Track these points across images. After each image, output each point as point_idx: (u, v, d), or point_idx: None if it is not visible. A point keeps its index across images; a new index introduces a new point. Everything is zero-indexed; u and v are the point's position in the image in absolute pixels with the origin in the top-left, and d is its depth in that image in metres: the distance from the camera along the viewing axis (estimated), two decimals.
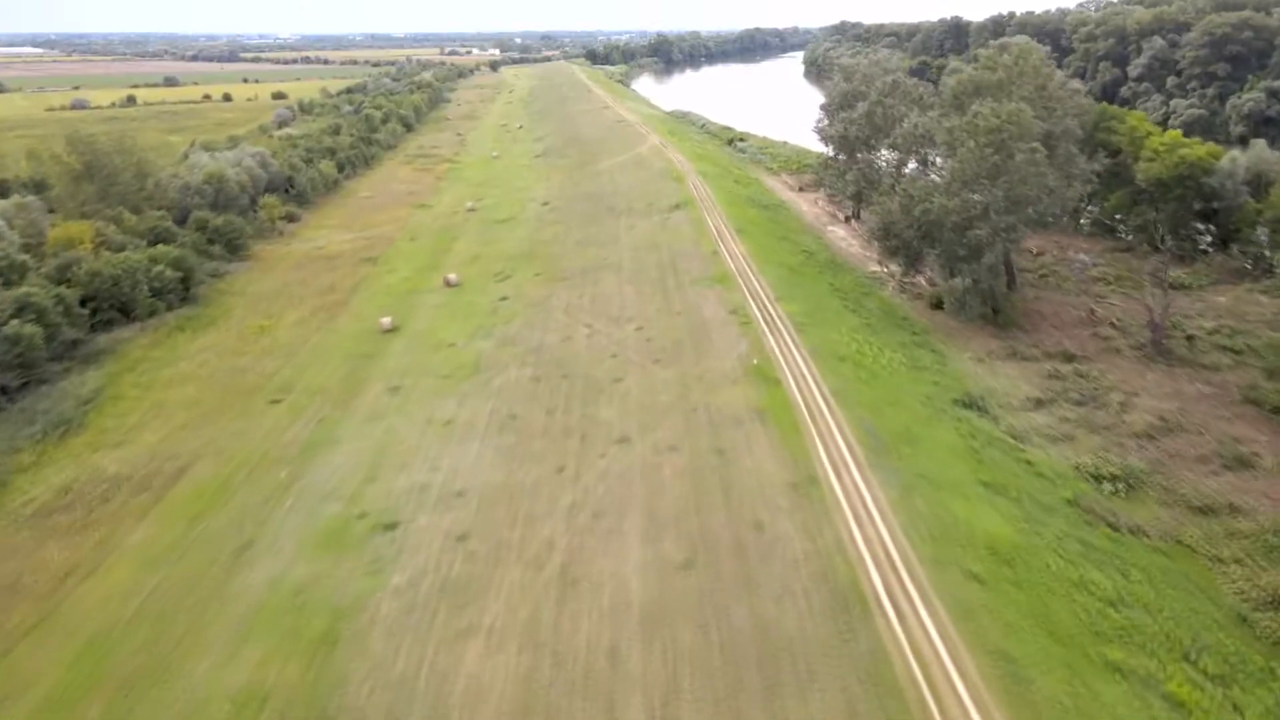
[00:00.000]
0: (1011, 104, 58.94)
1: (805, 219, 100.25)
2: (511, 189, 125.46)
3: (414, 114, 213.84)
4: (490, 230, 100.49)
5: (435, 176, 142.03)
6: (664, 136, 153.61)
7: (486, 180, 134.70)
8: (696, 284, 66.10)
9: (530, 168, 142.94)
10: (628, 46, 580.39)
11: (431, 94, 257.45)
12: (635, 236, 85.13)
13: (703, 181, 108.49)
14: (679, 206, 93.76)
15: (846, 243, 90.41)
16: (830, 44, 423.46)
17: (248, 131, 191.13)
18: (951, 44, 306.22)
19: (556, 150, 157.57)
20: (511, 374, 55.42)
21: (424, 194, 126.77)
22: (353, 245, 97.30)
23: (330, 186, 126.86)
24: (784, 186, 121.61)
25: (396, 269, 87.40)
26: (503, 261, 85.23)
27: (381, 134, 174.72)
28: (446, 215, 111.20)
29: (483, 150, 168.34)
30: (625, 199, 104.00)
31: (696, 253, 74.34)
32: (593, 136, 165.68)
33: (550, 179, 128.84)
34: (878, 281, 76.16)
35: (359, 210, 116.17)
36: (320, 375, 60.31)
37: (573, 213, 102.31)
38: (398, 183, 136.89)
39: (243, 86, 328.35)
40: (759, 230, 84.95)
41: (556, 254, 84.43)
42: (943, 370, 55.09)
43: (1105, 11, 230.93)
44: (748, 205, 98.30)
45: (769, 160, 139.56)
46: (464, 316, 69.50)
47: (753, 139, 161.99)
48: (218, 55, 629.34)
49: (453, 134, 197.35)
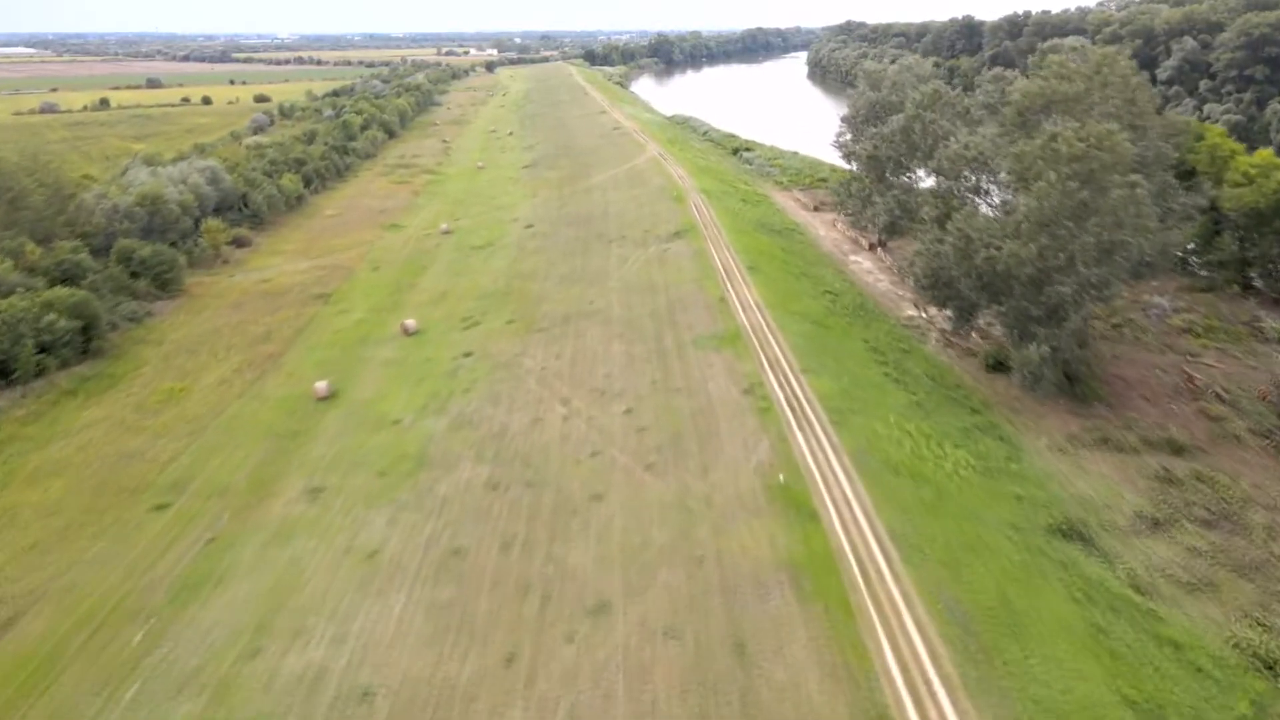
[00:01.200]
0: (1100, 124, 46.35)
1: (823, 246, 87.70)
2: (493, 207, 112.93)
3: (398, 119, 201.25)
4: (464, 259, 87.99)
5: (413, 190, 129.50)
6: (663, 146, 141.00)
7: (467, 196, 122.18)
8: (701, 344, 53.54)
9: (516, 181, 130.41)
10: (627, 47, 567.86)
11: (419, 97, 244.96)
12: (628, 273, 72.55)
13: (706, 201, 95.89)
14: (679, 234, 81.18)
15: (873, 277, 77.89)
16: (835, 44, 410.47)
17: (218, 138, 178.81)
18: (964, 44, 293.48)
19: (546, 161, 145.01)
20: (463, 474, 42.92)
21: (397, 212, 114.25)
22: (306, 277, 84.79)
23: (293, 204, 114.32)
24: (796, 205, 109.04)
25: (350, 308, 74.93)
26: (473, 301, 72.75)
27: (359, 142, 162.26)
28: (418, 239, 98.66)
29: (468, 160, 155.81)
30: (618, 223, 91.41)
31: (700, 299, 61.76)
32: (586, 146, 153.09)
33: (537, 195, 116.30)
34: (916, 330, 63.67)
35: (321, 232, 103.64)
36: (227, 465, 47.90)
37: (558, 239, 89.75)
38: (370, 198, 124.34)
39: (227, 89, 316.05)
40: (773, 265, 72.40)
41: (535, 293, 71.89)
42: (1022, 472, 42.53)
43: (1130, 10, 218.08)
44: (758, 231, 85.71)
45: (778, 173, 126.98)
46: (416, 380, 57.00)
47: (759, 148, 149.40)
48: (210, 56, 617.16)
49: (438, 141, 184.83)
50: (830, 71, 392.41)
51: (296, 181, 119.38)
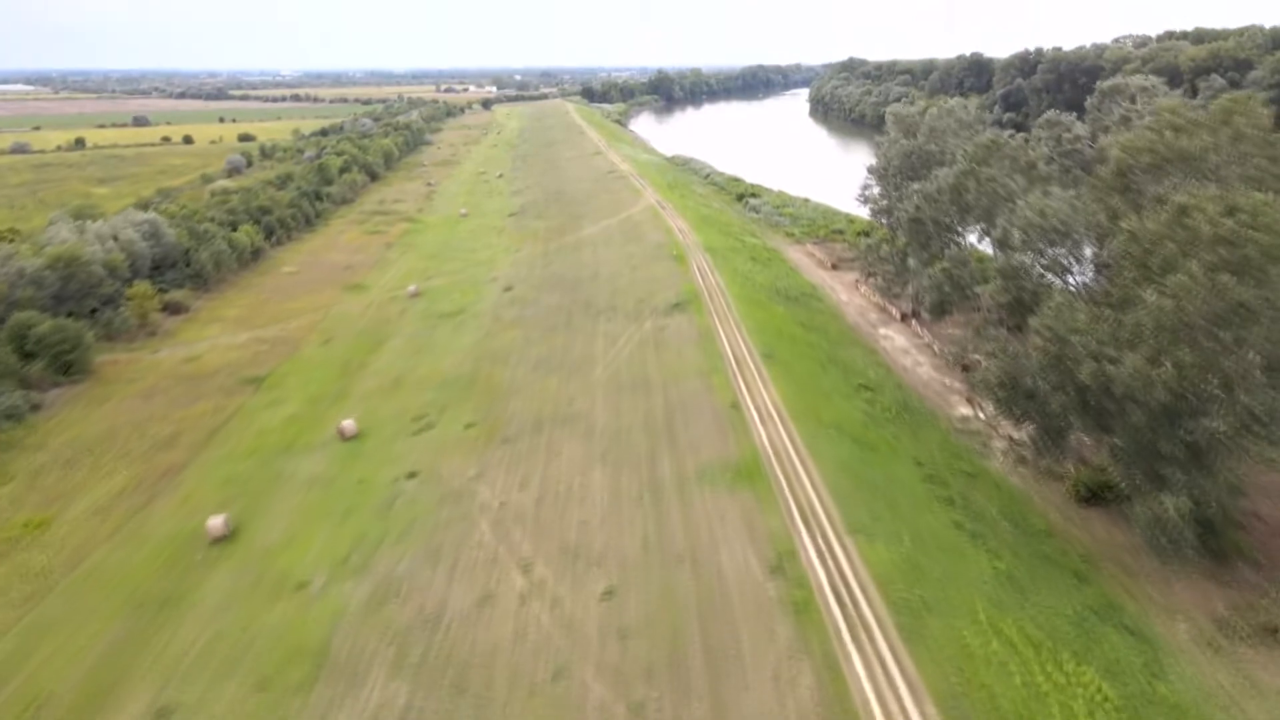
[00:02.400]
0: (1251, 193, 34.00)
1: (847, 316, 75.20)
2: (472, 263, 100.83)
3: (383, 160, 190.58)
4: (430, 331, 75.51)
5: (386, 242, 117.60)
6: (662, 192, 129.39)
7: (445, 249, 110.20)
8: (709, 478, 40.64)
9: (500, 231, 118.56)
10: (627, 84, 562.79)
11: (408, 137, 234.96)
12: (617, 359, 59.88)
13: (711, 261, 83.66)
14: (680, 306, 68.69)
15: (910, 358, 65.25)
16: (838, 82, 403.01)
17: (186, 181, 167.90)
18: (972, 82, 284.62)
19: (535, 208, 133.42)
20: (371, 696, 29.90)
21: (364, 268, 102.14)
22: (241, 353, 72.25)
23: (247, 260, 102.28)
24: (811, 262, 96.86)
25: (284, 398, 62.27)
26: (431, 391, 60.04)
27: (336, 186, 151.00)
28: (381, 304, 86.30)
29: (451, 206, 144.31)
30: (609, 289, 79.04)
31: (707, 403, 48.97)
32: (579, 191, 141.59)
33: (520, 250, 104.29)
34: (976, 439, 50.87)
35: (274, 294, 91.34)
36: (60, 657, 35.00)
37: (539, 307, 77.30)
38: (338, 251, 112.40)
39: (213, 127, 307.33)
40: (793, 350, 59.77)
41: (505, 383, 59.19)
42: (1175, 700, 29.40)
43: (1152, 48, 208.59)
44: (772, 299, 73.29)
45: (789, 224, 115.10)
46: (341, 514, 44.08)
47: (766, 194, 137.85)
48: (206, 93, 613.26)
49: (423, 184, 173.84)
50: (833, 109, 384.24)
51: (255, 233, 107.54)
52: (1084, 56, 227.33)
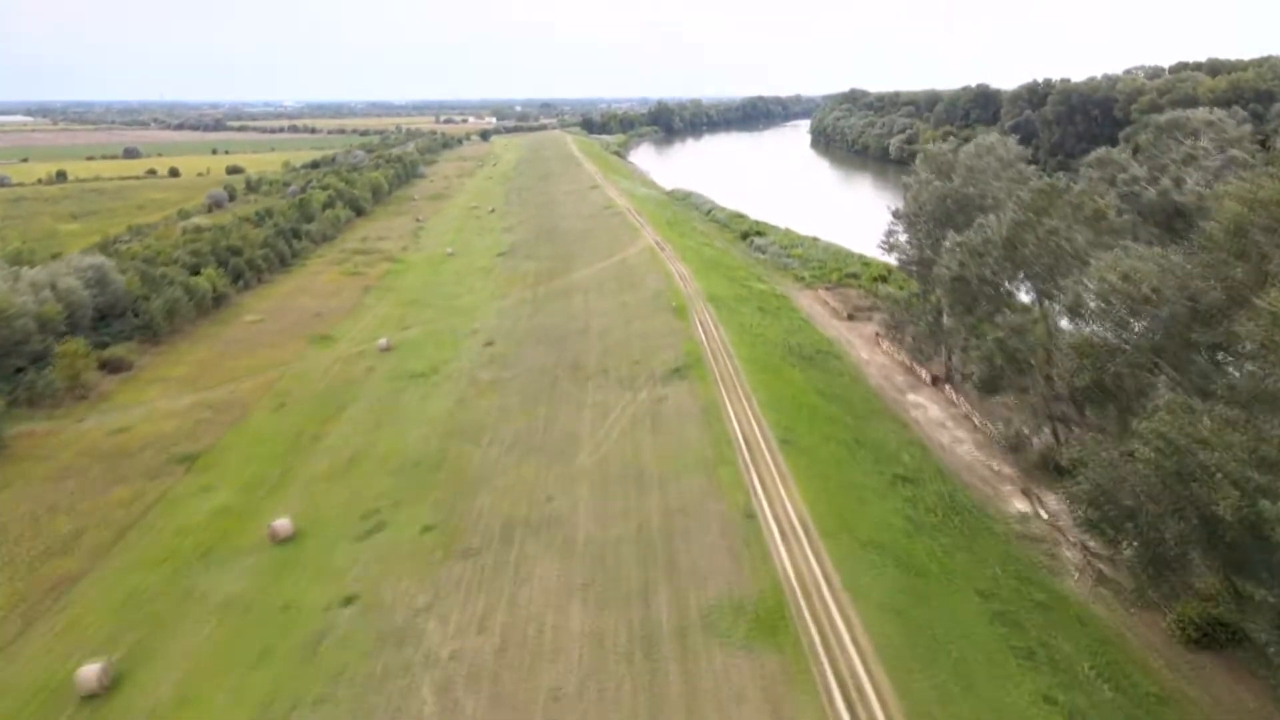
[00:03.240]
0: None
1: (870, 378, 66.31)
2: (452, 310, 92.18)
3: (370, 195, 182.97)
4: (396, 395, 66.56)
5: (364, 285, 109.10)
6: (661, 231, 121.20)
7: (426, 293, 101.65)
8: (719, 630, 31.42)
9: (487, 273, 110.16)
10: (626, 115, 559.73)
11: (400, 169, 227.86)
12: (608, 440, 50.86)
13: (715, 314, 75.01)
14: (680, 371, 59.80)
15: (948, 433, 56.23)
16: (840, 113, 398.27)
17: (163, 217, 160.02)
18: (979, 114, 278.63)
19: (526, 246, 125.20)
20: None
21: (335, 316, 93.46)
22: (180, 422, 63.24)
23: (208, 307, 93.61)
24: (824, 311, 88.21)
25: (216, 485, 53.15)
26: (387, 478, 50.96)
27: (317, 223, 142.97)
28: (347, 360, 77.46)
29: (438, 244, 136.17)
30: (600, 346, 70.24)
31: (714, 512, 39.85)
32: (573, 229, 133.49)
33: (507, 296, 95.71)
34: (1040, 547, 41.74)
35: (232, 347, 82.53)
36: None
37: (521, 367, 68.45)
38: (310, 295, 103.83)
39: (204, 159, 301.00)
40: (814, 429, 50.76)
41: (475, 470, 50.13)
42: None
43: (1168, 79, 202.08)
44: (785, 360, 64.43)
45: (798, 266, 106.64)
46: (253, 659, 34.81)
47: (772, 232, 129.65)
48: (205, 124, 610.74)
49: (411, 219, 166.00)
50: (835, 141, 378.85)
51: (219, 277, 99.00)
52: (1096, 88, 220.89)
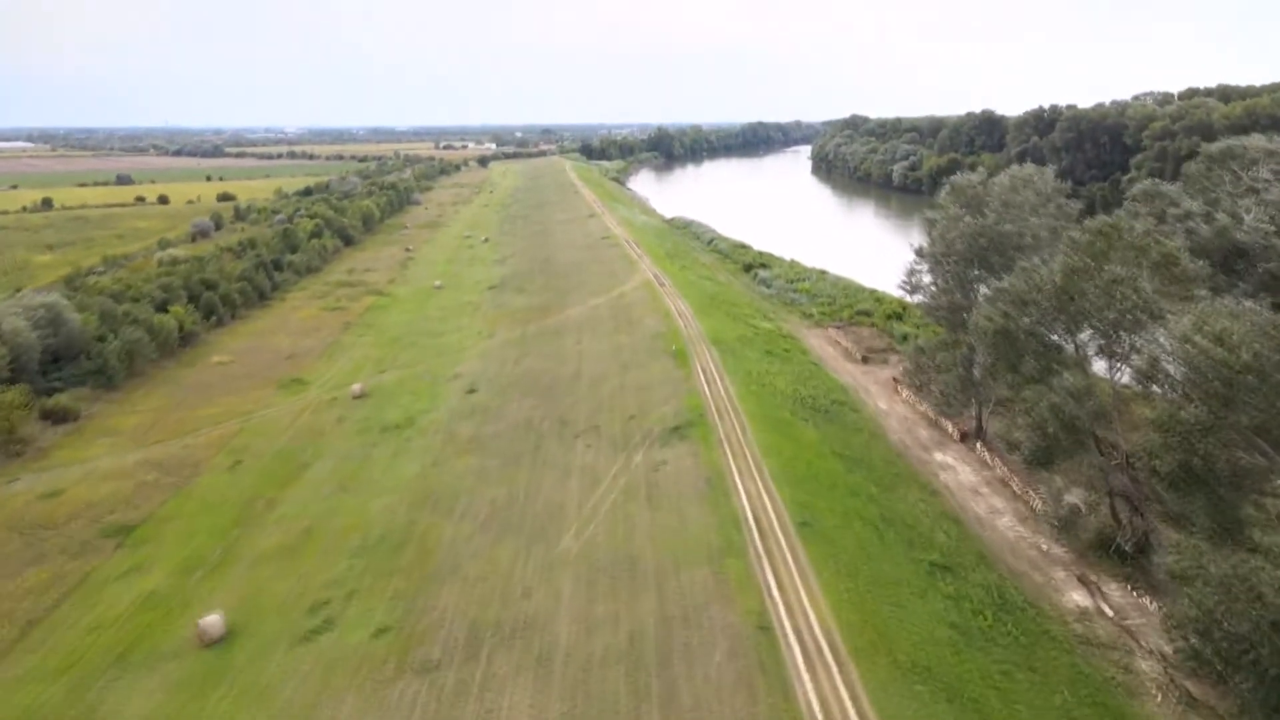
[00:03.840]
0: None
1: (891, 433, 59.61)
2: (435, 351, 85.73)
3: (361, 223, 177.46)
4: (365, 453, 59.85)
5: (345, 321, 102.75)
6: (660, 263, 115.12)
7: (408, 332, 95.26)
8: None
9: (476, 309, 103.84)
10: (626, 141, 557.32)
11: (393, 197, 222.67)
12: (597, 517, 44.11)
13: (718, 358, 68.55)
14: (680, 430, 53.18)
15: (984, 502, 49.52)
16: (841, 139, 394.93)
17: (143, 247, 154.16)
18: (984, 140, 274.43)
19: (518, 280, 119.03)
20: None
21: (310, 357, 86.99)
22: (120, 486, 56.53)
23: (174, 347, 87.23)
24: (836, 352, 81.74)
25: (149, 565, 46.37)
26: (343, 561, 44.17)
27: (301, 254, 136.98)
28: (317, 408, 70.88)
29: (427, 276, 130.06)
30: (592, 398, 63.65)
31: (721, 623, 33.01)
32: (568, 260, 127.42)
33: (494, 335, 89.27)
34: (1107, 654, 34.86)
35: (192, 393, 75.98)
36: None
37: (505, 422, 61.80)
38: (285, 333, 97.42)
39: (197, 185, 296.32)
40: (835, 506, 44.04)
41: (442, 554, 43.33)
42: None
43: (1182, 105, 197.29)
44: (797, 415, 57.83)
45: (805, 301, 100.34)
46: None
47: (777, 264, 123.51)
48: (204, 150, 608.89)
49: (402, 249, 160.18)
50: (837, 167, 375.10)
51: (187, 314, 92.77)
52: (1105, 115, 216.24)
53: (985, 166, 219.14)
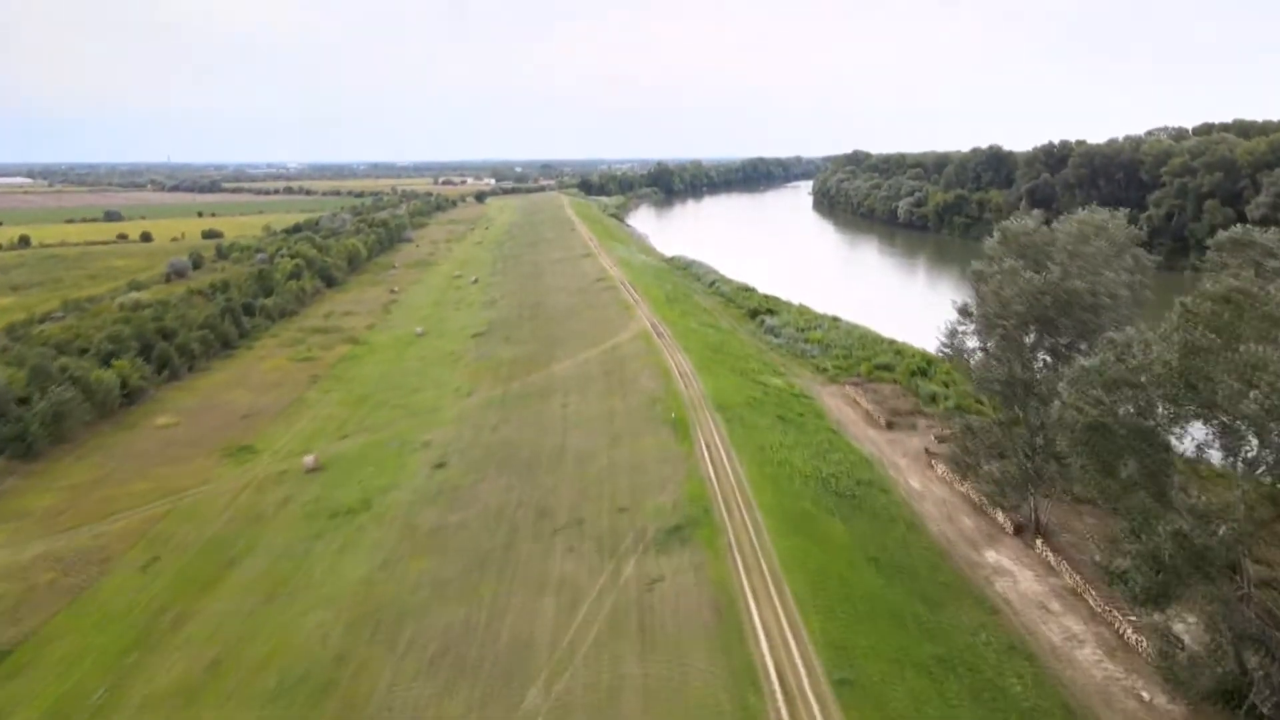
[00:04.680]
0: None
1: (930, 524, 50.18)
2: (406, 413, 76.53)
3: (346, 263, 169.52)
4: (306, 548, 50.38)
5: (313, 374, 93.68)
6: (658, 309, 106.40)
7: (379, 388, 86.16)
8: None
9: (457, 361, 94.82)
10: (625, 176, 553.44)
11: (384, 234, 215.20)
12: (574, 658, 34.55)
13: (725, 430, 59.33)
14: (680, 530, 43.81)
15: (1055, 622, 39.98)
16: (843, 175, 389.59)
17: (111, 289, 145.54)
18: (991, 176, 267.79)
19: (505, 327, 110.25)
20: None
21: (265, 419, 77.81)
22: (6, 590, 47.08)
23: (114, 406, 78.13)
24: (854, 413, 72.60)
25: (9, 711, 36.72)
26: (248, 715, 34.52)
27: (276, 297, 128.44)
28: (261, 486, 61.52)
29: (409, 321, 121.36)
30: (577, 481, 54.26)
31: None
32: (559, 305, 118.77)
33: (473, 394, 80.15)
34: None
35: (123, 465, 66.64)
36: None
37: (473, 507, 52.41)
38: (245, 388, 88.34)
39: (184, 222, 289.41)
40: (879, 641, 34.58)
41: (376, 704, 33.72)
42: None
43: (1202, 141, 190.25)
44: (820, 504, 48.48)
45: (818, 353, 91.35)
46: None
47: (784, 310, 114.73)
48: (200, 185, 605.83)
49: (387, 290, 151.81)
50: (839, 203, 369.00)
51: (136, 368, 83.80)
52: (1119, 150, 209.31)
53: (994, 203, 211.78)
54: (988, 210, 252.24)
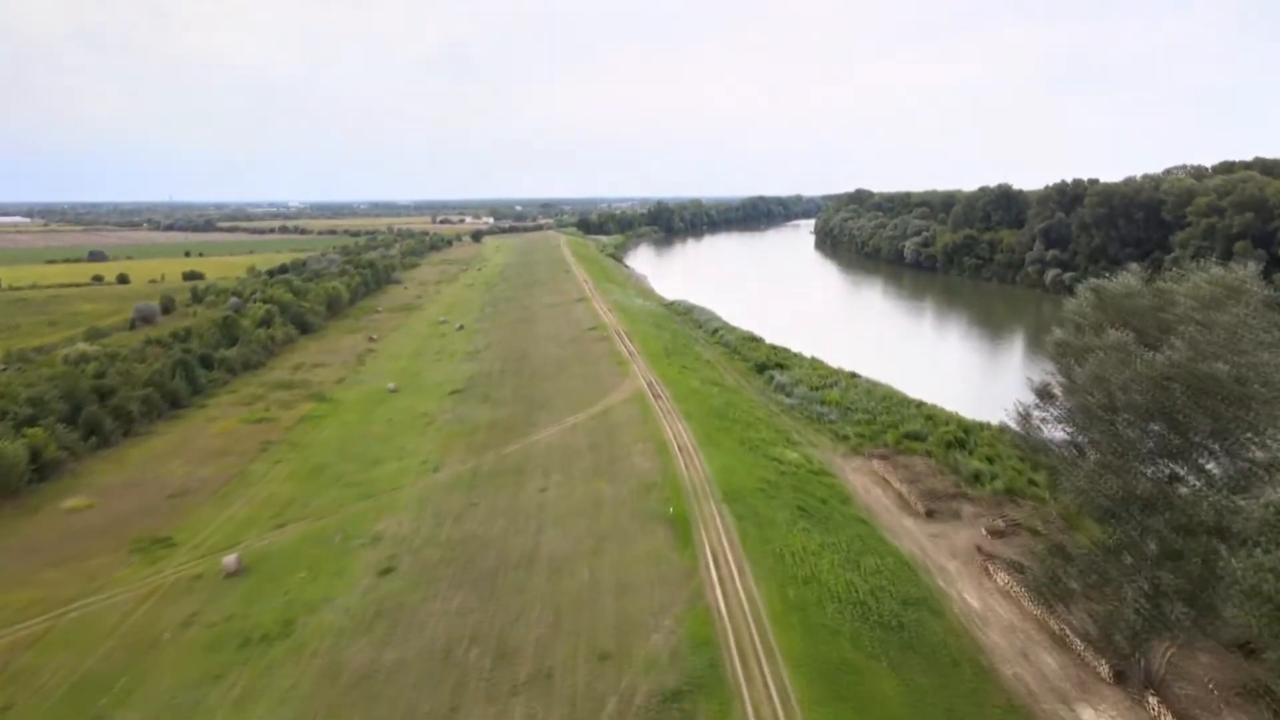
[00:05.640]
0: None
1: (1001, 660, 38.88)
2: (359, 492, 65.40)
3: (325, 307, 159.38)
4: (196, 695, 39.05)
5: (264, 440, 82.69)
6: (656, 365, 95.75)
7: (337, 458, 75.15)
8: None
9: (427, 426, 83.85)
10: (625, 214, 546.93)
11: (371, 275, 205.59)
12: None
13: (734, 527, 48.25)
14: (680, 699, 32.47)
15: None
16: (846, 214, 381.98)
17: (65, 337, 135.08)
18: (1001, 215, 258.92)
19: (486, 383, 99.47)
20: None
21: (197, 498, 66.71)
22: None
23: (17, 483, 67.05)
24: (884, 493, 61.54)
25: None
26: None
27: (241, 347, 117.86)
28: (165, 596, 50.20)
29: (383, 374, 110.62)
30: (550, 604, 42.99)
31: None
32: (547, 358, 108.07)
33: (441, 467, 69.10)
34: None
35: (7, 565, 55.34)
36: None
37: (418, 639, 41.09)
38: (184, 459, 77.30)
39: (169, 263, 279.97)
40: None
41: None
42: None
43: (1229, 179, 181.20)
44: (861, 646, 37.28)
45: (835, 416, 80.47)
46: None
47: (795, 364, 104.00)
48: (196, 224, 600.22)
49: (365, 338, 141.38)
50: (843, 242, 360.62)
51: (54, 437, 72.96)
52: (1138, 189, 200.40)
53: (1006, 243, 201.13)
54: (999, 251, 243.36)
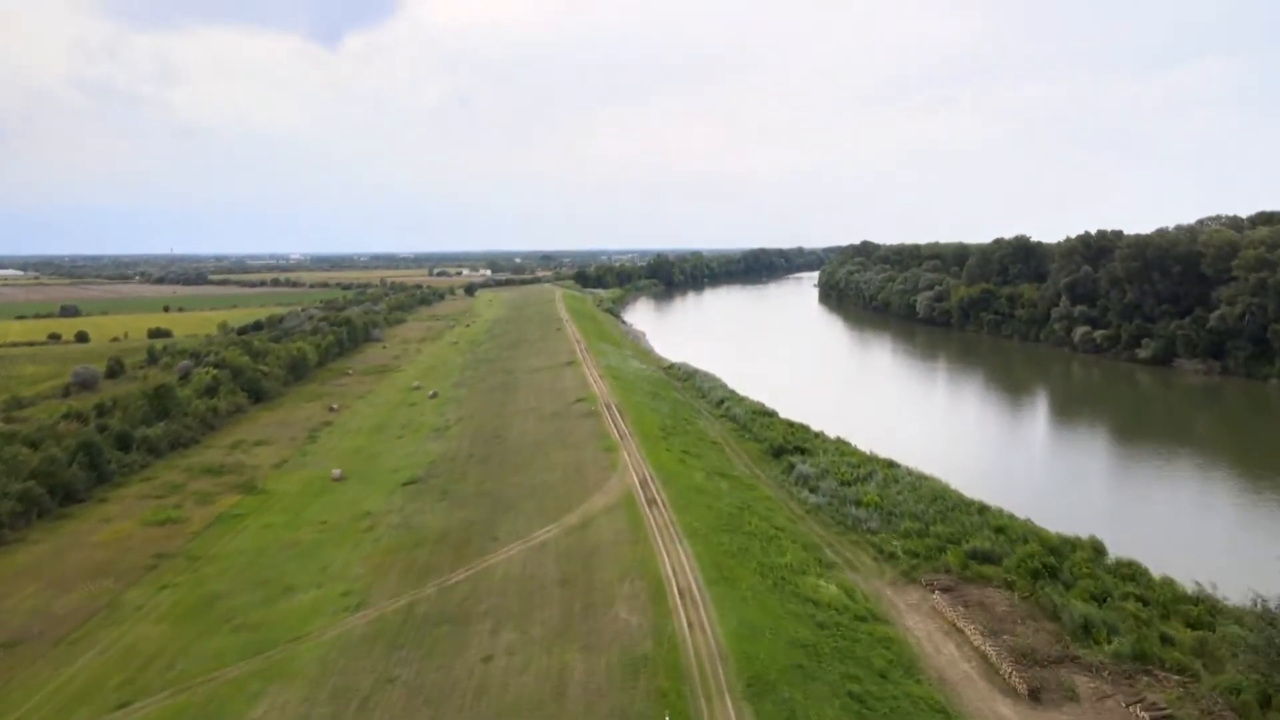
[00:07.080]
0: None
1: None
2: (254, 640, 48.55)
3: (288, 370, 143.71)
4: None
5: (156, 555, 65.88)
6: (651, 450, 79.53)
7: (243, 581, 58.36)
8: None
9: (364, 534, 67.19)
10: (624, 267, 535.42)
11: (346, 334, 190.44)
12: None
13: None
14: None
15: None
16: (853, 266, 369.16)
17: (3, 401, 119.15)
18: (1019, 269, 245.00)
19: (450, 470, 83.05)
20: None
21: (26, 656, 49.86)
22: None
23: None
24: (958, 653, 44.83)
25: None
26: None
27: (172, 423, 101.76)
28: None
29: (332, 457, 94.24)
30: None
31: None
32: (523, 440, 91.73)
33: (367, 603, 52.22)
34: None
35: None
36: None
37: None
38: (41, 584, 60.52)
39: (142, 318, 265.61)
40: None
41: None
42: None
43: (1269, 230, 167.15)
44: None
45: (876, 523, 63.91)
46: None
47: (817, 447, 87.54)
48: (187, 277, 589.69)
49: (326, 407, 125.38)
50: (849, 295, 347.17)
51: None
52: (1174, 241, 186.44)
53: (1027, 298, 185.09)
54: (1020, 306, 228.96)
